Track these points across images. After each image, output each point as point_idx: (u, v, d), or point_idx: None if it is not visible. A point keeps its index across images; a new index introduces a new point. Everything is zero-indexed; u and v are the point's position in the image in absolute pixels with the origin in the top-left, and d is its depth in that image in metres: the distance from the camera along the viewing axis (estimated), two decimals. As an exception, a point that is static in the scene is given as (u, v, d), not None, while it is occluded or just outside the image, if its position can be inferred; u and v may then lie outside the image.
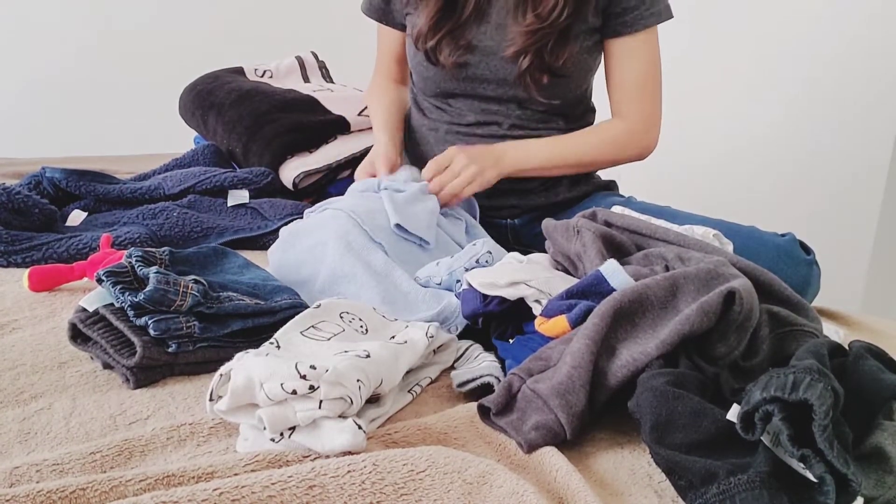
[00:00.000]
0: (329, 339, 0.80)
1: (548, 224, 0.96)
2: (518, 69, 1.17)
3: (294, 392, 0.64)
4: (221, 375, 0.69)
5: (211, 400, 0.69)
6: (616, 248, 0.90)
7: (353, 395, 0.66)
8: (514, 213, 1.25)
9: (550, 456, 0.66)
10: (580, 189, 1.27)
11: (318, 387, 0.64)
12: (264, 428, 0.65)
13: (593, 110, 1.32)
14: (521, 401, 0.72)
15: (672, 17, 1.20)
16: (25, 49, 2.43)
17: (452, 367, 0.86)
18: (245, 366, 0.68)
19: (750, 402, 0.59)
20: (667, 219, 0.97)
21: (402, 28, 1.33)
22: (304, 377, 0.64)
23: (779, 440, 0.59)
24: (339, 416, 0.66)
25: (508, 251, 0.99)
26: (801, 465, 0.58)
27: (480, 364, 0.82)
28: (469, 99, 1.24)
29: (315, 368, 0.65)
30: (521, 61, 1.16)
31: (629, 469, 0.68)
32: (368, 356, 0.72)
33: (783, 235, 1.10)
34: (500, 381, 0.78)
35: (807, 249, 1.09)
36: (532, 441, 0.68)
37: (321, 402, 0.64)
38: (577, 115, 1.27)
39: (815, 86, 2.02)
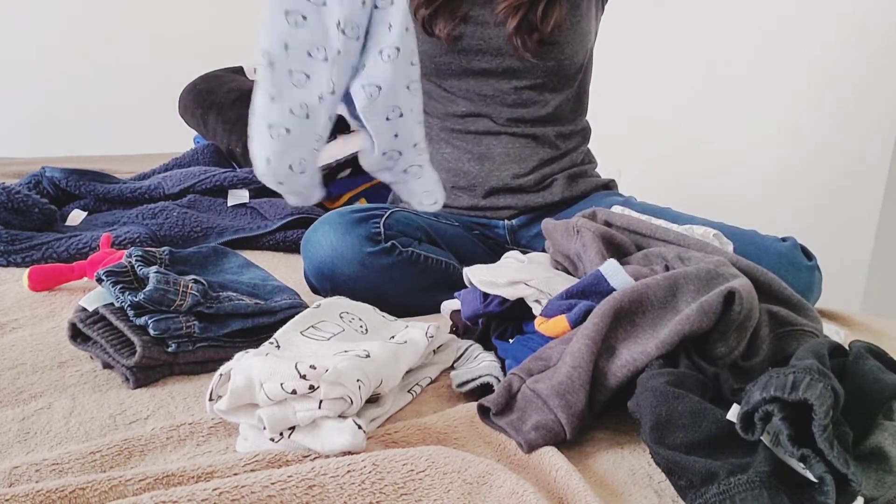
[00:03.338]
0: (329, 339, 0.80)
1: (548, 224, 0.95)
2: (508, 27, 1.16)
3: (294, 392, 0.64)
4: (221, 375, 0.69)
5: (211, 400, 0.69)
6: (616, 248, 0.90)
7: (353, 394, 0.66)
8: (511, 214, 1.25)
9: (550, 456, 0.66)
10: (578, 188, 1.27)
11: (318, 386, 0.64)
12: (264, 428, 0.65)
13: (585, 110, 1.31)
14: (521, 401, 0.72)
15: None
16: (26, 49, 2.42)
17: (452, 367, 0.86)
18: (245, 366, 0.68)
19: (750, 402, 0.59)
20: (667, 220, 0.97)
21: None
22: (304, 377, 0.64)
23: (779, 440, 0.59)
24: (339, 416, 0.66)
25: (506, 252, 0.99)
26: (801, 464, 0.58)
27: (480, 364, 0.82)
28: (463, 78, 1.23)
29: (315, 368, 0.65)
30: (511, 20, 1.15)
31: (629, 469, 0.68)
32: (368, 356, 0.72)
33: (784, 240, 1.10)
34: (499, 381, 0.78)
35: (808, 255, 1.08)
36: (532, 441, 0.68)
37: (321, 401, 0.64)
38: (569, 113, 1.27)
39: (815, 86, 2.02)
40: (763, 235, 1.10)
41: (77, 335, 0.85)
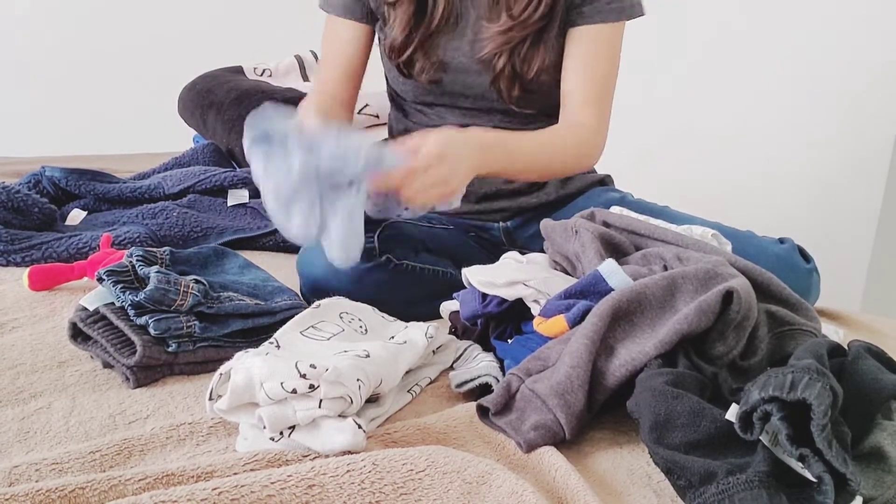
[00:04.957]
0: (329, 339, 0.80)
1: (546, 224, 0.95)
2: (493, 71, 1.13)
3: (294, 391, 0.64)
4: (221, 375, 0.69)
5: (210, 399, 0.69)
6: (614, 249, 0.90)
7: (353, 394, 0.66)
8: (505, 216, 1.23)
9: (549, 456, 0.66)
10: (572, 186, 1.25)
11: (319, 386, 0.64)
12: (264, 427, 0.65)
13: None
14: (520, 401, 0.72)
15: (642, 14, 1.15)
16: (25, 48, 2.42)
17: (451, 368, 0.86)
18: (245, 365, 0.68)
19: (748, 402, 0.59)
20: (665, 220, 0.97)
21: (369, 22, 1.19)
22: (304, 376, 0.64)
23: (777, 440, 0.59)
24: (339, 416, 0.66)
25: (503, 252, 0.98)
26: (800, 464, 0.58)
27: (478, 364, 0.82)
28: (449, 108, 1.21)
29: (315, 367, 0.65)
30: (496, 62, 1.12)
31: (628, 468, 0.68)
32: (368, 356, 0.72)
33: (782, 241, 1.09)
34: (498, 381, 0.78)
35: (806, 256, 1.08)
36: (531, 441, 0.68)
37: (321, 401, 0.64)
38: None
39: (815, 85, 2.02)
40: (760, 237, 1.10)
41: (77, 334, 0.85)
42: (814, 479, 0.57)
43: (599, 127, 1.14)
